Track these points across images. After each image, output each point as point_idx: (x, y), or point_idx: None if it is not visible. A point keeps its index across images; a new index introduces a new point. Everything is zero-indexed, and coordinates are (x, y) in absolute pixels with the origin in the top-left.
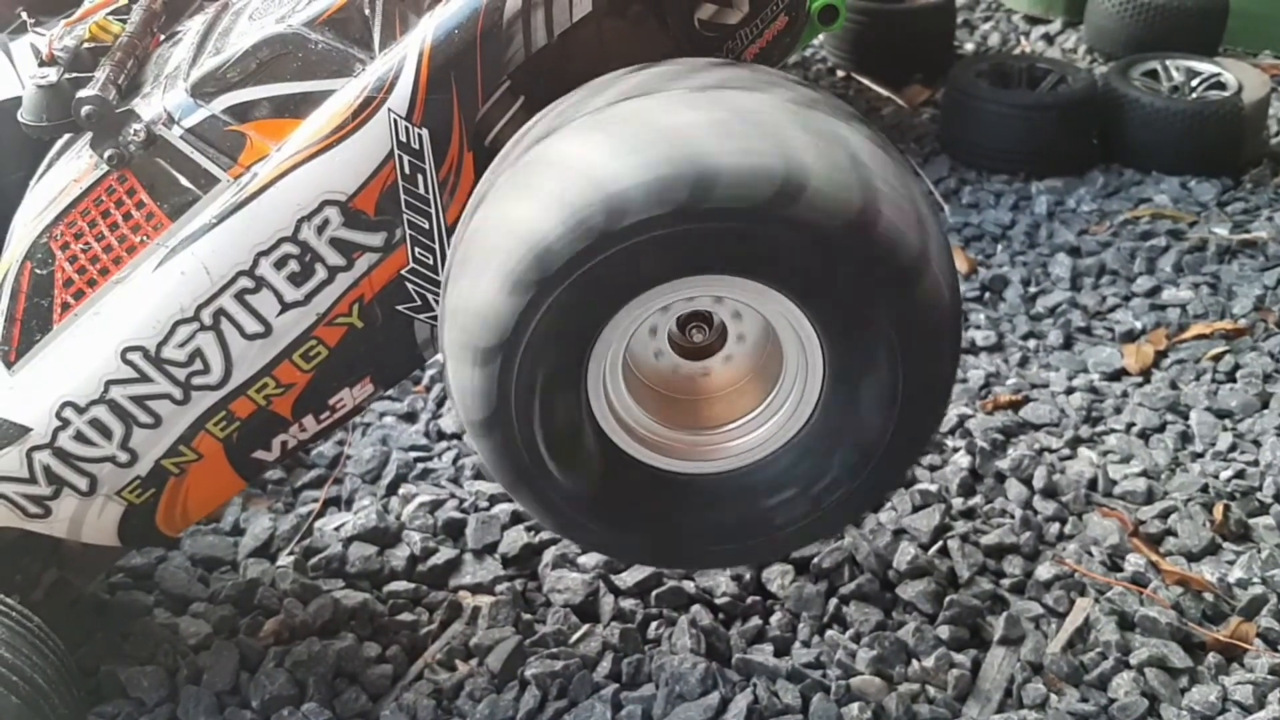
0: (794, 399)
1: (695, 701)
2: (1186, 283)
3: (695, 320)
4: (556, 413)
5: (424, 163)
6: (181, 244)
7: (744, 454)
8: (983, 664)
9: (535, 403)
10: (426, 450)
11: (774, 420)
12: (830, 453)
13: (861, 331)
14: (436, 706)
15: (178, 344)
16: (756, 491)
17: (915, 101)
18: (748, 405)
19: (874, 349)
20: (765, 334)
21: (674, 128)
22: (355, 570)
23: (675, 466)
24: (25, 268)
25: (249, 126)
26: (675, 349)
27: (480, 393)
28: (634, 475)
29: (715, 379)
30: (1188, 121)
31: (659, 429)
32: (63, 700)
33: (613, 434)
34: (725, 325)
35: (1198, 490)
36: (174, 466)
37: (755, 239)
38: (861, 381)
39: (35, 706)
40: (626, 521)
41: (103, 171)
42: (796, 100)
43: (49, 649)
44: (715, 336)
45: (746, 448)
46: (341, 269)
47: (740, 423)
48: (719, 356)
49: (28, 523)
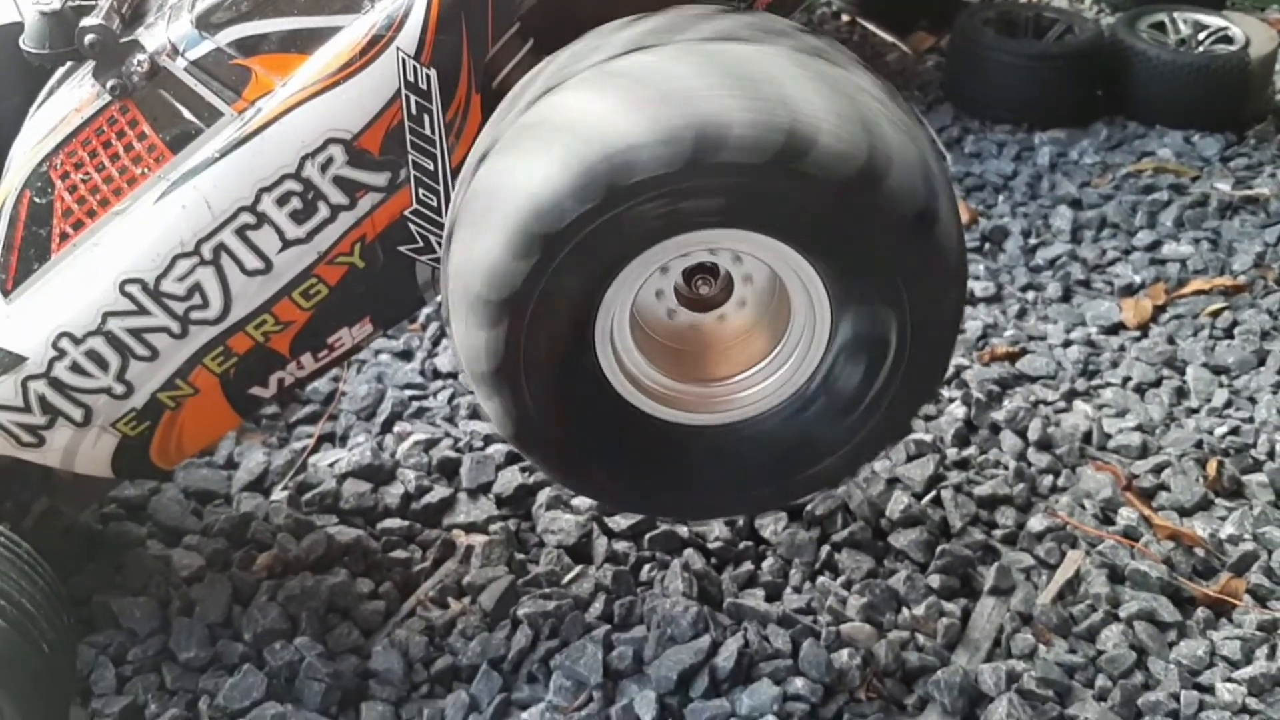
0: (802, 349)
1: (686, 644)
2: (1187, 238)
3: (701, 273)
4: (564, 368)
5: (431, 103)
6: (183, 177)
7: (752, 405)
8: (972, 613)
9: (542, 358)
10: (422, 389)
11: (782, 371)
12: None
13: (869, 282)
14: (428, 643)
15: (177, 278)
16: (763, 442)
17: (920, 48)
18: (755, 356)
19: (881, 299)
20: (772, 284)
21: (681, 83)
22: (349, 507)
23: (682, 418)
24: (24, 196)
25: (254, 60)
26: (682, 302)
27: (487, 349)
28: (640, 427)
29: (722, 330)
30: (1193, 75)
31: (666, 381)
32: (51, 625)
33: (620, 387)
34: (731, 277)
35: (1192, 446)
36: (170, 400)
37: (763, 193)
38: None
39: (22, 630)
40: (632, 473)
41: (105, 101)
42: (804, 50)
43: (38, 574)
44: (721, 288)
45: (755, 398)
46: (344, 208)
47: (749, 374)
48: (726, 308)
49: (21, 451)
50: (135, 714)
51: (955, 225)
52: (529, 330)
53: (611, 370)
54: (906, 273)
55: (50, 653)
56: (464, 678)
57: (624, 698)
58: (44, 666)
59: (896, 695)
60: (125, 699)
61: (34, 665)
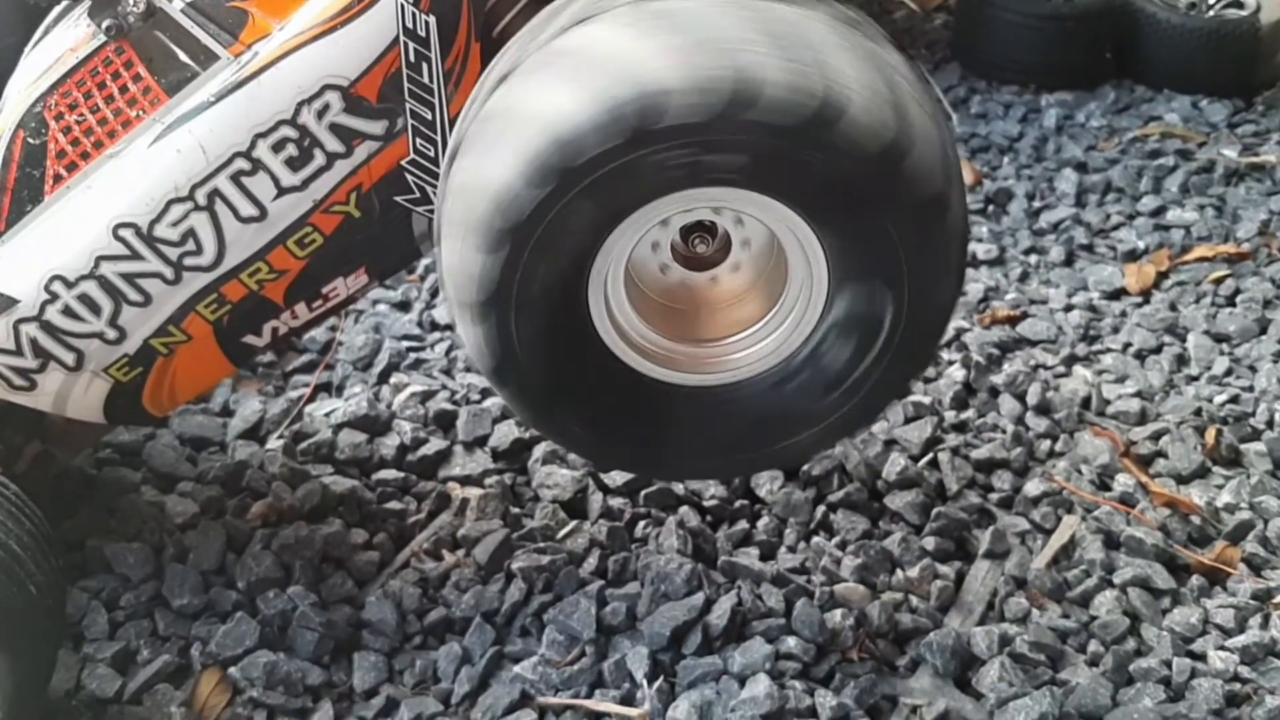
0: (793, 320)
1: (680, 601)
2: (1192, 204)
3: (700, 231)
4: (555, 307)
5: (430, 51)
6: (178, 121)
7: (735, 370)
8: (966, 576)
9: (534, 293)
10: (419, 340)
11: (770, 339)
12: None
13: (873, 261)
14: (422, 595)
15: (170, 223)
16: (741, 409)
17: (928, 6)
18: (745, 321)
19: (881, 279)
20: (769, 250)
21: (722, 33)
22: (344, 457)
23: (662, 375)
24: (18, 136)
25: (252, 3)
26: (677, 258)
27: (481, 276)
28: (620, 379)
29: (714, 291)
30: (1203, 40)
31: (652, 336)
32: (39, 567)
33: (605, 335)
34: (730, 238)
35: (1191, 413)
36: (162, 346)
37: (786, 157)
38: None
39: (8, 571)
40: (606, 424)
41: (100, 42)
42: (841, 20)
43: (25, 516)
44: (718, 248)
45: (739, 364)
46: (340, 156)
47: (735, 339)
48: (720, 269)
49: (12, 395)
50: (127, 659)
51: (963, 217)
52: (528, 262)
53: (600, 317)
54: (911, 256)
55: (38, 594)
56: (457, 630)
57: (616, 653)
58: (32, 608)
59: (889, 656)
60: (117, 644)
61: (21, 607)
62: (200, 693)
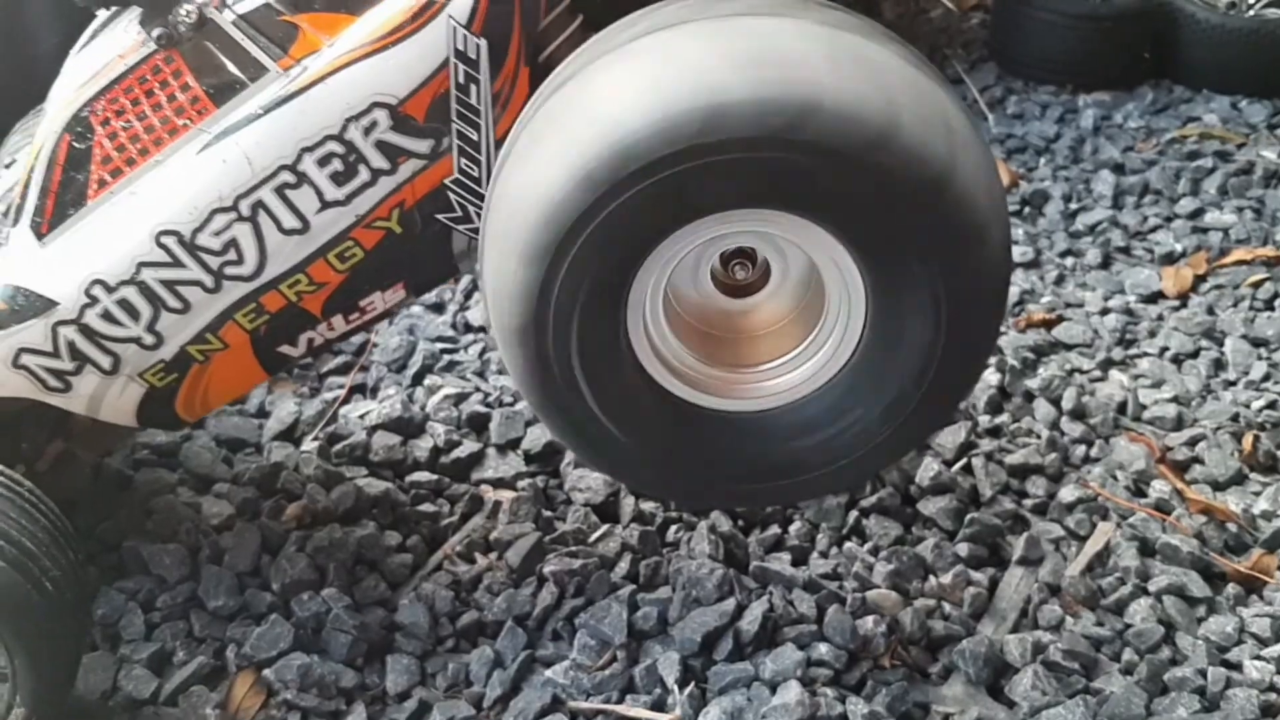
0: (835, 340)
1: (711, 606)
2: (1230, 206)
3: (739, 257)
4: (594, 328)
5: (479, 73)
6: (225, 131)
7: (776, 396)
8: (1000, 583)
9: (575, 312)
10: (453, 342)
11: (814, 360)
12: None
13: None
14: (454, 598)
15: (213, 232)
16: (790, 432)
17: (965, 5)
18: (788, 344)
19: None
20: (809, 274)
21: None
22: (378, 459)
23: (709, 403)
24: (63, 140)
25: (303, 18)
26: (717, 285)
27: (523, 292)
28: (665, 408)
29: (757, 316)
30: (1243, 39)
31: (695, 364)
32: (54, 563)
33: (647, 363)
34: (769, 263)
35: (1228, 419)
36: (199, 353)
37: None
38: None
39: (22, 568)
40: (653, 453)
41: (149, 50)
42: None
43: (40, 513)
44: (758, 274)
45: (784, 387)
46: (385, 172)
47: (780, 362)
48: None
49: (47, 396)
50: (163, 661)
51: (1006, 248)
52: (569, 276)
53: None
54: (953, 286)
55: (55, 590)
56: (489, 633)
57: (648, 658)
58: (48, 604)
59: (921, 663)
60: (153, 645)
61: (37, 603)
62: (235, 695)
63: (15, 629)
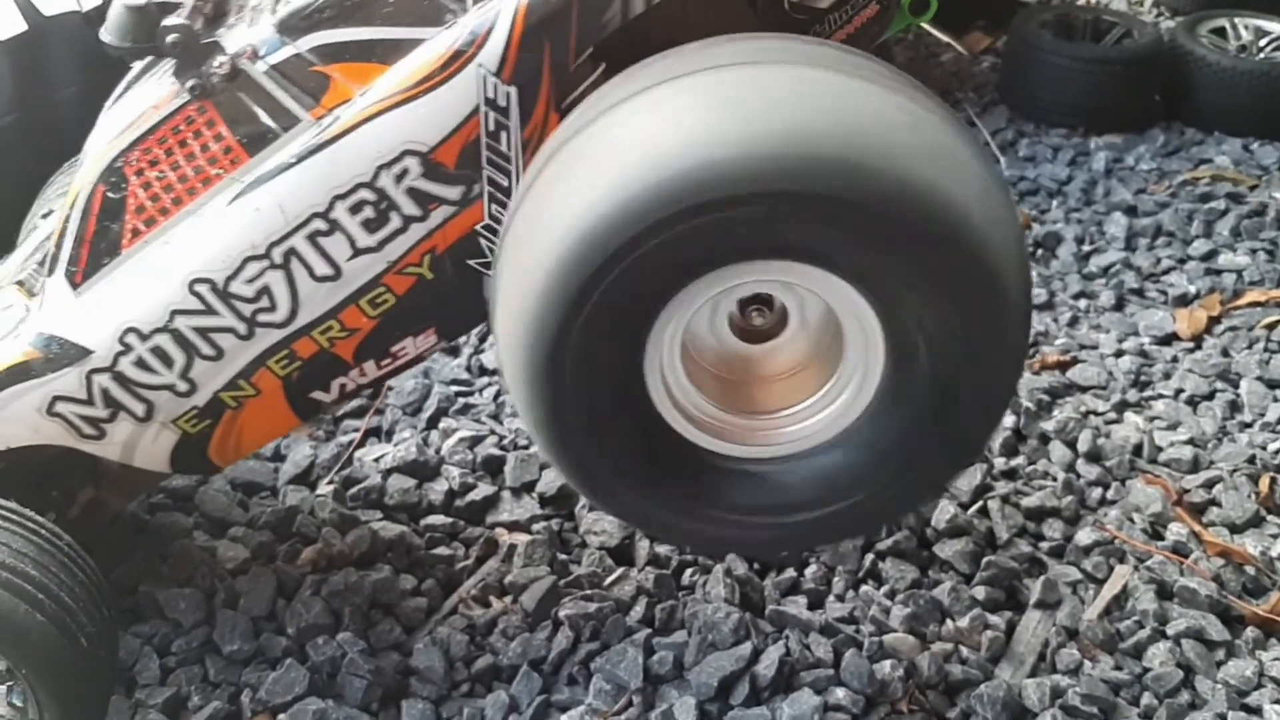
0: (854, 386)
1: (727, 651)
2: (1244, 248)
3: (756, 303)
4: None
5: (509, 120)
6: (258, 181)
7: (797, 440)
8: (1017, 627)
9: (591, 357)
10: (468, 385)
11: (832, 408)
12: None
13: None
14: (470, 642)
15: (246, 279)
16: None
17: (976, 49)
18: (806, 391)
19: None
20: (827, 321)
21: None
22: (393, 502)
23: (725, 449)
24: (98, 190)
25: (334, 68)
26: (734, 330)
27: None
28: (680, 453)
29: (774, 362)
30: (1254, 82)
31: (712, 410)
32: (90, 619)
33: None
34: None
35: (1244, 461)
36: (232, 400)
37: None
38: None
39: (60, 624)
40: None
41: (183, 100)
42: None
43: (78, 568)
44: (776, 320)
45: (801, 434)
46: (416, 219)
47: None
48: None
49: (81, 443)
50: (179, 705)
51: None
52: (586, 324)
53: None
54: (973, 339)
55: (89, 646)
56: (504, 678)
57: (664, 703)
58: (82, 660)
59: (939, 708)
60: (169, 690)
61: (72, 659)
62: None
63: (50, 685)
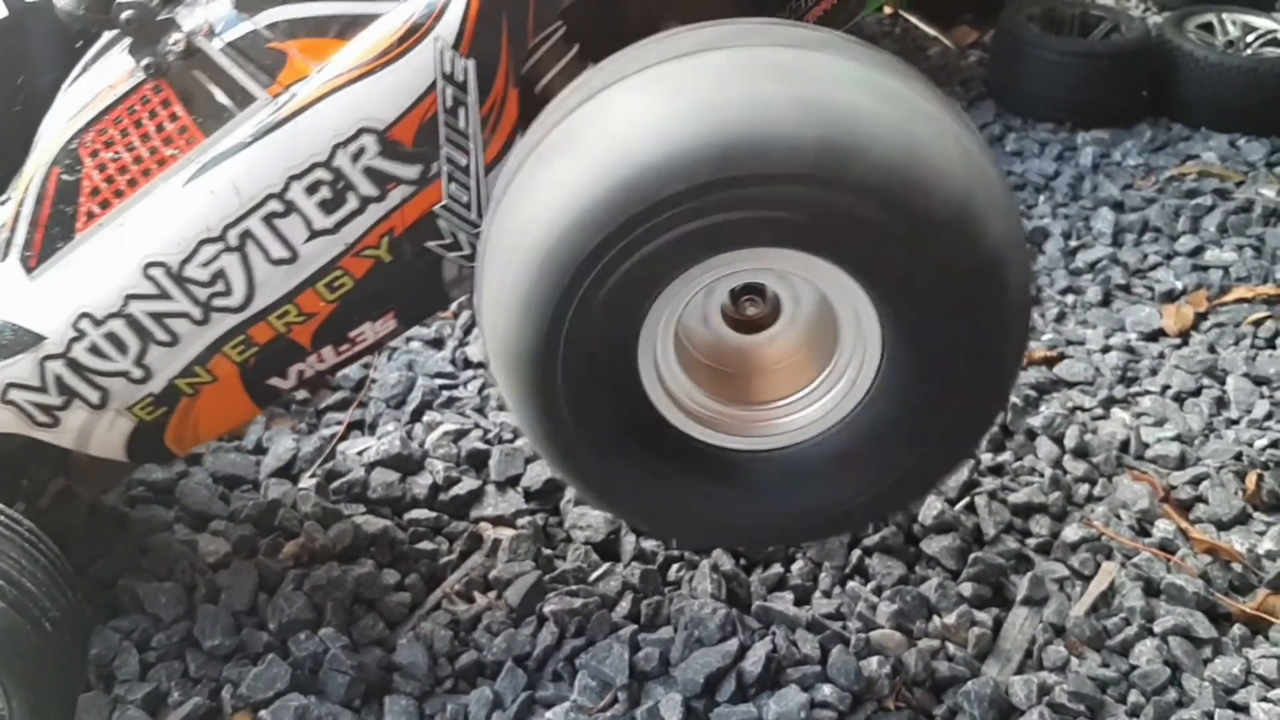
0: (849, 376)
1: (713, 647)
2: (1230, 244)
3: (749, 293)
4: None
5: (467, 96)
6: (213, 161)
7: (794, 431)
8: (1004, 623)
9: (583, 351)
10: (452, 378)
11: (827, 398)
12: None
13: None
14: (453, 637)
15: (201, 263)
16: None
17: (963, 43)
18: (801, 381)
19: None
20: (821, 309)
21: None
22: (377, 496)
23: (718, 440)
24: (53, 172)
25: (291, 44)
26: (728, 321)
27: (529, 331)
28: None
29: (768, 352)
30: (1241, 78)
31: (705, 401)
32: (54, 604)
33: (656, 399)
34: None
35: (1231, 458)
36: (188, 386)
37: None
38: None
39: (23, 609)
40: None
41: (138, 79)
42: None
43: (40, 553)
44: (769, 310)
45: (797, 425)
46: (374, 199)
47: (793, 399)
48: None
49: (35, 431)
50: (158, 701)
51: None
52: (577, 317)
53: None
54: (972, 326)
55: (54, 631)
56: (488, 674)
57: (649, 700)
58: (47, 645)
59: (925, 705)
60: (148, 685)
61: (36, 644)
62: None
63: (14, 670)
